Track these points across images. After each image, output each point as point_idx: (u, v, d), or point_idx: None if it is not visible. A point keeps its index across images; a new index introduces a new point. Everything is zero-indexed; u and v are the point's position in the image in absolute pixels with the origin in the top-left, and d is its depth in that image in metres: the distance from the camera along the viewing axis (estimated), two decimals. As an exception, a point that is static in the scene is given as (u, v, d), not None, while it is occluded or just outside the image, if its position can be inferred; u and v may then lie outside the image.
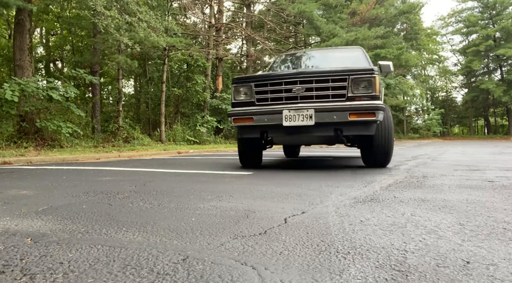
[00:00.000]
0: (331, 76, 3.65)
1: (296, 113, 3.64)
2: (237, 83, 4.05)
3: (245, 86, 3.99)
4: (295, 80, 3.75)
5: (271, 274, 0.97)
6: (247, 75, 4.18)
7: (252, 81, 3.97)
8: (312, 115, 3.59)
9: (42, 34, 20.35)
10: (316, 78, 3.69)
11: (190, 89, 17.18)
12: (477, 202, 1.97)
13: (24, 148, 7.94)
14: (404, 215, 1.68)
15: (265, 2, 24.05)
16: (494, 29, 34.18)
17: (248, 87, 3.98)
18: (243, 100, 3.99)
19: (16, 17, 9.08)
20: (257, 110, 3.84)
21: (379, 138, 4.02)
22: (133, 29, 10.31)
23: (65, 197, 2.31)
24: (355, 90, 3.59)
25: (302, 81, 3.74)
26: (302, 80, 3.74)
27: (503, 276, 0.94)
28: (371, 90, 3.57)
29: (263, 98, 3.89)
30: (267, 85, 3.87)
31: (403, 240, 1.27)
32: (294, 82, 3.76)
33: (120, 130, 13.26)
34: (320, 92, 3.68)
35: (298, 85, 3.74)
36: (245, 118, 3.89)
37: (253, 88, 3.94)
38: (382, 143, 4.05)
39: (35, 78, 8.84)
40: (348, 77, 3.61)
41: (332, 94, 3.65)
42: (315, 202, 2.04)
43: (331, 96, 3.65)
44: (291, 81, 3.77)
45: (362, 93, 3.58)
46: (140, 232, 1.43)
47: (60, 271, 1.01)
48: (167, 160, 6.78)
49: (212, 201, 2.12)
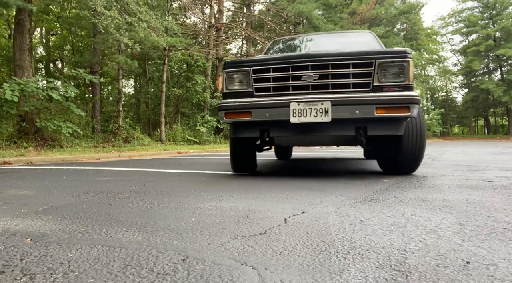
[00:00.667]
0: (353, 60, 2.93)
1: (307, 106, 2.90)
2: (230, 68, 3.21)
3: (241, 72, 3.18)
4: (306, 65, 2.99)
5: (271, 274, 0.97)
6: (243, 59, 3.36)
7: (250, 65, 3.16)
8: (328, 110, 2.86)
9: (42, 34, 20.35)
10: (334, 62, 2.95)
11: (190, 89, 17.19)
12: (477, 202, 1.97)
13: (24, 148, 7.94)
14: (404, 215, 1.68)
15: (265, 2, 24.04)
16: (494, 29, 34.18)
17: (244, 73, 3.17)
18: (238, 90, 3.18)
19: (16, 17, 9.08)
20: (256, 102, 3.06)
21: (409, 140, 3.26)
22: (133, 29, 10.32)
23: (65, 197, 2.31)
24: (383, 78, 2.89)
25: (315, 66, 2.97)
26: (315, 64, 2.97)
27: (503, 276, 0.94)
28: (404, 78, 2.86)
29: (264, 87, 3.11)
30: (269, 70, 3.09)
31: (403, 240, 1.27)
32: (304, 67, 2.99)
33: (120, 130, 13.26)
34: (338, 80, 2.95)
35: (310, 71, 2.97)
36: (240, 112, 3.10)
37: (250, 74, 3.13)
38: (412, 146, 3.27)
39: (35, 78, 8.85)
40: (374, 61, 2.89)
41: (354, 82, 2.93)
42: (315, 202, 2.04)
43: (352, 85, 2.93)
44: (300, 66, 3.00)
45: (392, 82, 2.88)
46: (140, 232, 1.43)
47: (60, 271, 1.01)
48: (167, 160, 6.78)
49: (212, 201, 2.12)
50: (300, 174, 3.72)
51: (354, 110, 2.86)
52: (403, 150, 3.30)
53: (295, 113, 2.94)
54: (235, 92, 3.19)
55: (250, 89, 3.16)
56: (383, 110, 2.83)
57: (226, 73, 3.24)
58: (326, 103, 2.88)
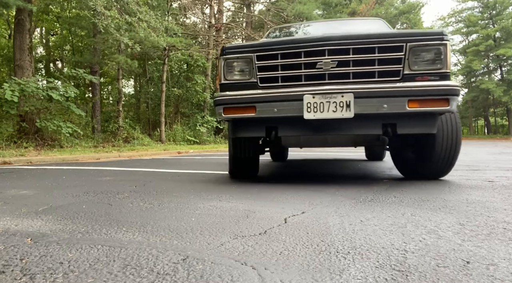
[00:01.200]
0: (379, 43, 2.48)
1: (324, 99, 2.46)
2: (229, 54, 2.73)
3: (242, 59, 2.70)
4: (322, 50, 2.53)
5: (271, 274, 0.97)
6: (245, 43, 2.85)
7: (253, 50, 2.68)
8: (351, 103, 2.41)
9: (42, 34, 20.35)
10: (356, 46, 2.50)
11: (190, 89, 17.19)
12: (477, 202, 1.97)
13: (24, 148, 7.94)
14: (404, 215, 1.68)
15: (265, 2, 24.04)
16: (494, 29, 34.18)
17: (246, 60, 2.70)
18: (239, 80, 2.71)
19: (16, 17, 9.08)
20: (261, 95, 2.60)
21: (443, 139, 2.83)
22: (133, 29, 10.32)
23: (65, 197, 2.31)
24: (415, 64, 2.46)
25: (332, 51, 2.53)
26: (333, 49, 2.52)
27: (503, 276, 0.94)
28: (440, 64, 2.44)
29: (271, 77, 2.66)
30: (277, 57, 2.63)
31: (403, 240, 1.27)
32: (320, 53, 2.54)
33: (120, 130, 13.27)
34: (361, 67, 2.50)
35: (327, 57, 2.52)
36: (242, 107, 2.64)
37: (254, 62, 2.67)
38: (447, 146, 2.83)
39: (35, 78, 8.85)
40: (404, 44, 2.45)
41: (380, 70, 2.49)
42: (315, 202, 2.04)
43: (378, 74, 2.49)
44: (315, 50, 2.55)
45: (427, 69, 2.45)
46: (140, 232, 1.43)
47: (60, 271, 1.01)
48: (167, 160, 6.78)
49: (212, 201, 2.12)
50: (299, 175, 3.72)
51: (382, 103, 2.42)
52: (436, 151, 2.85)
53: (309, 107, 2.48)
54: (235, 83, 2.72)
55: (253, 80, 2.68)
56: (416, 103, 2.40)
57: (224, 60, 2.74)
58: (347, 95, 2.43)
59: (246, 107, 2.64)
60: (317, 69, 2.55)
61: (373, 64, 2.50)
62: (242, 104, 2.64)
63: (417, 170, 3.14)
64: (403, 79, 2.47)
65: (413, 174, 3.22)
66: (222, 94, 2.71)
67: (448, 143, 2.84)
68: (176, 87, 17.95)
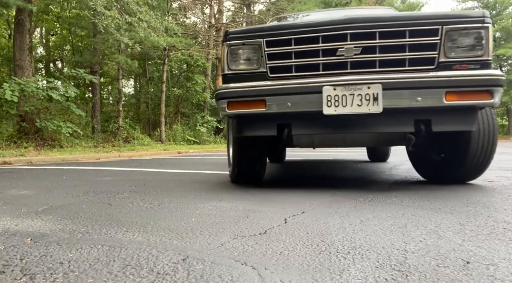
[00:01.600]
0: (411, 26, 2.15)
1: (347, 92, 2.13)
2: (233, 40, 2.38)
3: (249, 45, 2.36)
4: (344, 34, 2.20)
5: (271, 274, 0.97)
6: (252, 27, 2.50)
7: (262, 35, 2.33)
8: (379, 96, 2.09)
9: (42, 34, 20.35)
10: (384, 30, 2.17)
11: (190, 89, 17.20)
12: (477, 202, 1.97)
13: (24, 148, 7.94)
14: (404, 215, 1.68)
15: (265, 2, 24.04)
16: (494, 29, 34.20)
17: (254, 47, 2.35)
18: (246, 70, 2.37)
19: (16, 17, 9.08)
20: (272, 87, 2.26)
21: (479, 138, 2.49)
22: (133, 29, 10.32)
23: (65, 197, 2.31)
24: (452, 51, 2.14)
25: (356, 35, 2.19)
26: (356, 33, 2.19)
27: (503, 276, 0.94)
28: (481, 51, 2.13)
29: (283, 66, 2.32)
30: (290, 42, 2.29)
31: (404, 240, 1.27)
32: (341, 37, 2.21)
33: (120, 130, 13.28)
34: (389, 55, 2.18)
35: (349, 42, 2.19)
36: (250, 102, 2.31)
37: (263, 48, 2.33)
38: (483, 146, 2.50)
39: (35, 78, 8.86)
40: (440, 27, 2.13)
41: (411, 58, 2.17)
42: (315, 202, 2.04)
43: (409, 61, 2.17)
44: (336, 35, 2.22)
45: (466, 56, 2.14)
46: (140, 232, 1.43)
47: (60, 271, 1.01)
48: (167, 159, 6.78)
49: (212, 201, 2.12)
50: (299, 175, 3.72)
51: (415, 96, 2.09)
52: (471, 151, 2.50)
53: (330, 101, 2.15)
54: (241, 73, 2.37)
55: (262, 69, 2.34)
56: (455, 96, 2.08)
57: (228, 47, 2.39)
58: (375, 86, 2.10)
59: (254, 101, 2.30)
60: (338, 56, 2.22)
61: (403, 50, 2.18)
62: (250, 98, 2.30)
63: (443, 173, 2.78)
64: (438, 68, 2.15)
65: (438, 178, 2.84)
66: (225, 86, 2.36)
67: (485, 142, 2.50)
68: (176, 87, 17.95)
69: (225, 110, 2.33)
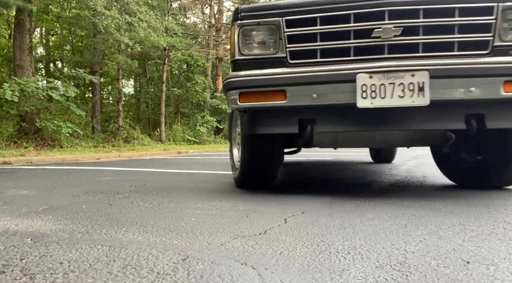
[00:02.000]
0: (460, 3, 1.85)
1: (387, 80, 1.82)
2: (246, 19, 2.03)
3: (265, 25, 2.01)
4: (380, 11, 1.87)
5: (271, 274, 0.97)
6: (269, 3, 2.19)
7: (281, 13, 1.99)
8: (425, 85, 1.78)
9: (42, 34, 20.34)
10: (428, 7, 1.85)
11: (190, 89, 17.20)
12: (477, 202, 1.97)
13: (24, 148, 7.94)
14: (405, 215, 1.68)
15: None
16: (494, 29, 34.20)
17: (271, 27, 2.01)
18: (261, 55, 2.03)
19: (16, 17, 9.08)
20: (294, 75, 1.94)
21: None
22: (133, 29, 10.33)
23: (65, 197, 2.31)
24: (508, 33, 1.84)
25: (396, 13, 1.86)
26: (396, 10, 1.86)
27: (503, 276, 0.94)
28: None
29: (306, 50, 1.98)
30: (315, 22, 1.95)
31: (404, 240, 1.27)
32: (377, 15, 1.88)
33: (120, 130, 13.28)
34: (434, 37, 1.87)
35: (387, 21, 1.86)
36: (267, 92, 1.97)
37: (283, 29, 1.97)
38: None
39: (35, 78, 8.86)
40: (495, 6, 1.83)
41: (461, 40, 1.86)
42: (315, 202, 2.04)
43: (458, 45, 1.87)
44: (371, 12, 1.88)
45: None
46: (140, 232, 1.43)
47: (60, 271, 1.01)
48: (167, 159, 6.78)
49: (212, 201, 2.12)
50: (299, 176, 3.73)
51: (468, 86, 1.79)
52: None
53: (365, 92, 1.83)
54: (255, 59, 2.03)
55: (281, 54, 1.99)
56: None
57: (239, 27, 2.04)
58: (420, 74, 1.79)
59: (273, 92, 1.96)
60: (373, 38, 1.88)
61: (452, 32, 1.86)
62: (267, 89, 1.97)
63: (481, 177, 2.49)
64: (492, 53, 1.84)
65: (473, 182, 2.53)
66: (236, 74, 2.02)
67: None
68: (176, 87, 17.96)
69: (236, 102, 1.98)
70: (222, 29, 18.76)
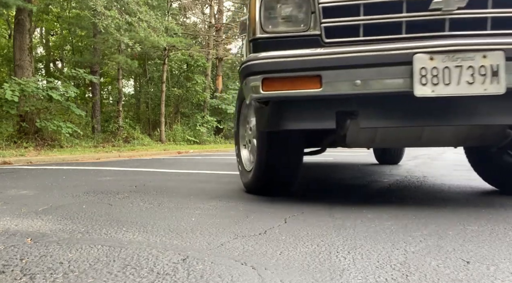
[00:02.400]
0: None
1: (451, 62, 1.47)
2: None
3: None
4: None
5: (271, 274, 0.97)
6: None
7: None
8: (500, 69, 1.45)
9: (42, 34, 20.34)
10: None
11: (190, 89, 17.21)
12: (477, 202, 1.97)
13: (24, 148, 7.94)
14: (405, 215, 1.68)
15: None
16: (494, 29, 34.22)
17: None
18: (288, 32, 1.66)
19: (16, 17, 9.08)
20: (332, 57, 1.58)
21: None
22: (133, 29, 10.33)
23: (65, 197, 2.31)
24: None
25: None
26: None
27: (503, 276, 0.94)
28: None
29: (346, 25, 1.62)
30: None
31: (404, 240, 1.27)
32: None
33: (120, 130, 13.28)
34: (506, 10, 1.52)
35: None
36: (297, 78, 1.59)
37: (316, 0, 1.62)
38: None
39: (35, 78, 8.86)
40: None
41: None
42: (315, 202, 2.04)
43: None
44: None
45: None
46: (140, 232, 1.42)
47: (60, 271, 1.01)
48: (167, 159, 6.78)
49: (212, 200, 2.12)
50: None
51: None
52: None
53: (425, 76, 1.47)
54: (281, 37, 1.66)
55: (314, 31, 1.62)
56: None
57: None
58: (494, 55, 1.45)
59: (305, 77, 1.58)
60: (431, 11, 1.52)
61: None
62: (298, 73, 1.59)
63: None
64: None
65: None
66: (257, 56, 1.65)
67: None
68: (176, 87, 17.95)
69: (258, 91, 1.60)
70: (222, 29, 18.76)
